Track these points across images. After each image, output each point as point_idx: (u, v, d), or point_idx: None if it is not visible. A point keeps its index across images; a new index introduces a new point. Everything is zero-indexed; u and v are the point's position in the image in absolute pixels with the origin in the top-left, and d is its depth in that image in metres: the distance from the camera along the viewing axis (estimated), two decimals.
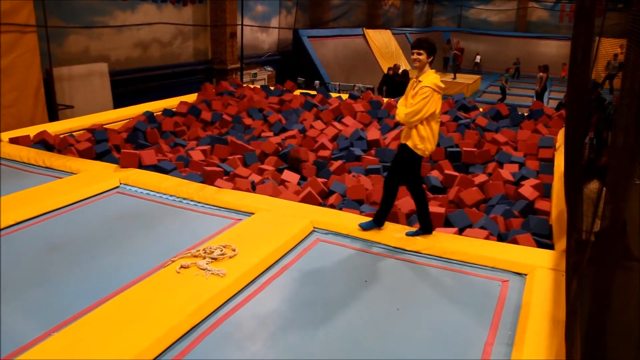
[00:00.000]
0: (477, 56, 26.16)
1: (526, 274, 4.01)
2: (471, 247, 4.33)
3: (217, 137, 7.42)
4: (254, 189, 5.62)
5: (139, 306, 3.33)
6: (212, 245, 4.09)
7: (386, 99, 10.01)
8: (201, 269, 3.77)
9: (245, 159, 6.67)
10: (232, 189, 5.50)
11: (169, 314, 3.25)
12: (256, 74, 15.02)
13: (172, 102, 9.58)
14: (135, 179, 5.69)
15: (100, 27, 10.39)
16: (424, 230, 4.47)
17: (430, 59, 4.21)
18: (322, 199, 5.55)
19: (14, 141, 6.92)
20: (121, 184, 5.68)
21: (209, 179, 5.68)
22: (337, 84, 15.23)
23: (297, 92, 10.80)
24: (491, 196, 5.67)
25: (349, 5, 20.86)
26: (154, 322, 3.16)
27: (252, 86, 11.28)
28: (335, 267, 4.13)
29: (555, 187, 5.65)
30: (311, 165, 6.49)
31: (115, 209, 5.11)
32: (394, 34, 22.43)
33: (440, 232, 4.66)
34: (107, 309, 3.30)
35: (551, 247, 4.46)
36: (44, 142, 6.94)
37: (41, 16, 8.25)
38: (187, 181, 5.64)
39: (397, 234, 4.51)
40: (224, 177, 5.86)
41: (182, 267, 3.79)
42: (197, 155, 6.67)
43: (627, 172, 1.99)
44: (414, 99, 4.18)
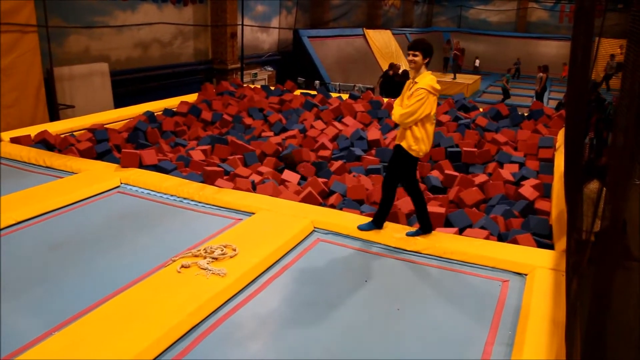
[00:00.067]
0: (477, 60, 26.12)
1: (526, 274, 4.02)
2: (471, 247, 4.34)
3: (218, 137, 7.42)
4: (254, 188, 5.63)
5: (140, 306, 3.33)
6: (213, 245, 4.10)
7: (386, 99, 10.02)
8: (202, 269, 3.77)
9: (245, 159, 6.68)
10: (233, 188, 5.51)
11: (170, 313, 3.25)
12: (256, 74, 15.02)
13: (172, 102, 9.58)
14: (135, 178, 5.69)
15: (100, 27, 10.39)
16: (424, 230, 4.48)
17: (426, 61, 4.21)
18: (322, 198, 5.55)
19: (14, 141, 6.93)
20: (122, 183, 5.68)
21: (209, 179, 5.69)
22: (338, 84, 15.22)
23: (298, 92, 10.81)
24: (491, 196, 5.68)
25: (349, 5, 20.86)
26: (154, 322, 3.16)
27: (252, 86, 11.29)
28: (335, 267, 4.14)
29: (555, 187, 5.66)
30: (308, 165, 6.48)
31: (115, 208, 5.11)
32: (394, 34, 22.42)
33: (440, 232, 4.66)
34: (108, 309, 3.30)
35: (551, 247, 4.46)
36: (44, 142, 6.95)
37: (42, 16, 8.25)
38: (187, 181, 5.65)
39: (397, 234, 4.52)
40: (225, 177, 5.87)
41: (182, 266, 3.80)
42: (197, 155, 6.68)
43: (627, 172, 2.00)
44: (409, 100, 4.19)
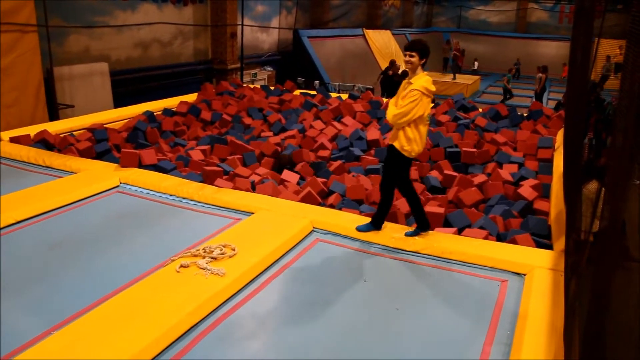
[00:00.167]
0: (475, 62, 26.12)
1: (525, 274, 4.02)
2: (470, 247, 4.34)
3: (217, 137, 7.42)
4: (253, 188, 5.63)
5: (139, 305, 3.33)
6: (212, 244, 4.10)
7: (385, 99, 10.01)
8: (201, 269, 3.77)
9: (244, 158, 6.68)
10: (232, 188, 5.51)
11: (169, 313, 3.25)
12: (256, 74, 15.02)
13: (172, 102, 9.58)
14: (135, 178, 5.69)
15: (100, 27, 10.39)
16: (421, 227, 4.49)
17: (422, 61, 4.22)
18: (321, 198, 5.56)
19: (14, 140, 6.93)
20: (121, 183, 5.68)
21: (208, 179, 5.69)
22: (337, 84, 15.23)
23: (297, 92, 10.80)
24: (490, 196, 5.68)
25: (349, 5, 20.86)
26: (153, 321, 3.16)
27: (252, 86, 11.29)
28: (334, 266, 4.14)
29: (554, 187, 5.66)
30: (306, 165, 6.48)
31: (115, 208, 5.11)
32: (393, 35, 22.43)
33: (439, 232, 4.67)
34: (107, 308, 3.31)
35: (550, 247, 4.47)
36: (44, 142, 6.95)
37: (42, 16, 8.25)
38: (187, 181, 5.65)
39: (395, 234, 4.52)
40: (224, 177, 5.87)
41: (181, 266, 3.80)
42: (196, 154, 6.68)
43: (626, 172, 2.00)
44: (403, 101, 4.20)
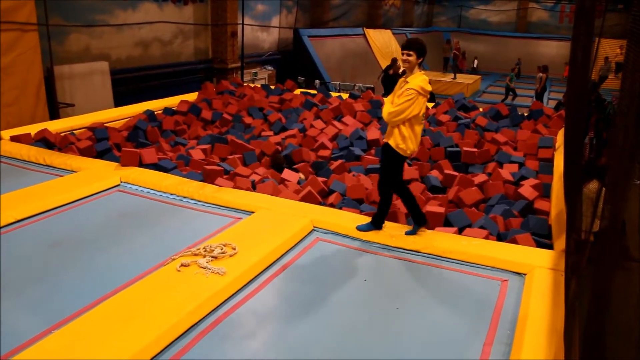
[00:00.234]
0: (475, 60, 26.10)
1: (525, 274, 4.02)
2: (470, 246, 4.34)
3: (218, 136, 7.42)
4: (254, 187, 5.63)
5: (139, 304, 3.33)
6: (212, 243, 4.10)
7: (386, 98, 10.00)
8: (201, 268, 3.77)
9: (245, 158, 6.68)
10: (233, 187, 5.51)
11: (169, 312, 3.25)
12: (256, 73, 15.01)
13: (172, 101, 9.58)
14: (135, 177, 5.69)
15: (101, 26, 10.39)
16: (419, 223, 4.49)
17: (419, 60, 4.23)
18: (322, 198, 5.56)
19: (15, 139, 6.93)
20: (122, 182, 5.69)
21: (209, 178, 5.69)
22: (338, 83, 15.22)
23: (298, 91, 10.80)
24: (491, 196, 5.68)
25: (350, 5, 20.84)
26: (153, 320, 3.17)
27: (252, 85, 11.28)
28: (334, 266, 4.14)
29: (554, 187, 5.66)
30: (307, 166, 6.48)
31: (115, 207, 5.11)
32: (394, 34, 22.42)
33: (439, 231, 4.67)
34: (107, 307, 3.31)
35: (550, 247, 4.47)
36: (44, 140, 6.95)
37: (42, 14, 8.24)
38: (187, 180, 5.65)
39: (395, 232, 4.53)
40: (224, 176, 5.87)
41: (182, 265, 3.80)
42: (197, 154, 6.68)
43: (627, 172, 2.00)
44: (399, 99, 4.22)
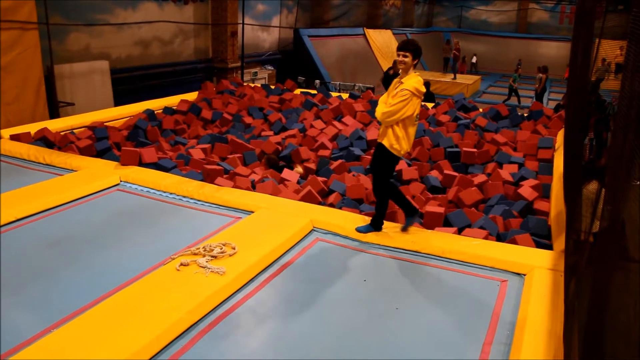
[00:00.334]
0: (474, 57, 26.11)
1: (525, 274, 4.02)
2: (470, 247, 4.35)
3: (218, 136, 7.42)
4: (254, 187, 5.63)
5: (139, 303, 3.34)
6: (212, 243, 4.10)
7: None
8: (201, 267, 3.78)
9: (245, 157, 6.69)
10: (232, 187, 5.51)
11: (169, 311, 3.25)
12: (257, 72, 15.01)
13: (172, 101, 9.58)
14: (135, 176, 5.69)
15: (101, 25, 10.39)
16: (411, 214, 4.51)
17: (415, 62, 4.26)
18: (321, 197, 5.56)
19: (14, 138, 6.92)
20: (121, 181, 5.69)
21: (209, 177, 5.69)
22: (338, 83, 15.21)
23: (298, 91, 10.80)
24: (490, 196, 5.69)
25: (350, 5, 20.85)
26: (153, 320, 3.17)
27: (252, 85, 11.28)
28: (334, 266, 4.14)
29: (554, 187, 5.66)
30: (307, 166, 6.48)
31: (115, 206, 5.12)
32: (394, 34, 22.44)
33: (439, 231, 4.67)
34: (107, 306, 3.31)
35: (550, 247, 4.47)
36: (44, 139, 6.95)
37: (42, 13, 8.24)
38: (187, 179, 5.65)
39: (394, 232, 4.53)
40: (224, 176, 5.87)
41: (181, 264, 3.80)
42: (197, 153, 6.68)
43: (626, 172, 2.00)
44: (393, 100, 4.23)
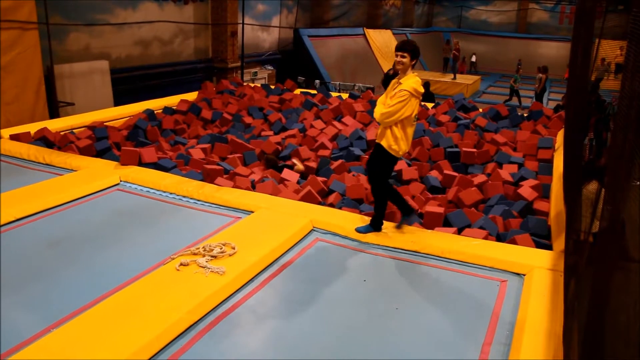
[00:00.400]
0: (473, 55, 26.09)
1: (524, 274, 4.03)
2: (470, 247, 4.35)
3: (218, 136, 7.42)
4: (253, 187, 5.63)
5: (139, 303, 3.34)
6: (212, 243, 4.10)
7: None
8: (200, 267, 3.78)
9: (245, 157, 6.69)
10: (232, 187, 5.52)
11: (168, 311, 3.26)
12: (256, 72, 15.01)
13: (172, 100, 9.58)
14: (135, 176, 5.69)
15: (101, 25, 10.39)
16: (407, 214, 4.55)
17: (413, 62, 4.26)
18: (321, 197, 5.56)
19: (14, 138, 6.92)
20: (121, 181, 5.69)
21: (209, 177, 5.70)
22: (337, 83, 15.21)
23: (298, 91, 10.80)
24: (490, 196, 5.69)
25: (350, 5, 20.85)
26: (153, 319, 3.17)
27: (252, 85, 11.28)
28: (334, 266, 4.15)
29: (554, 187, 5.67)
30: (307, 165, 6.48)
31: (115, 206, 5.12)
32: (394, 34, 22.44)
33: (439, 231, 4.68)
34: (107, 306, 3.31)
35: (549, 247, 4.47)
36: (44, 139, 6.95)
37: (42, 13, 8.25)
38: (187, 179, 5.65)
39: (394, 232, 4.53)
40: (224, 176, 5.87)
41: (181, 264, 3.80)
42: (197, 153, 6.68)
43: (626, 172, 2.00)
44: (392, 100, 4.23)
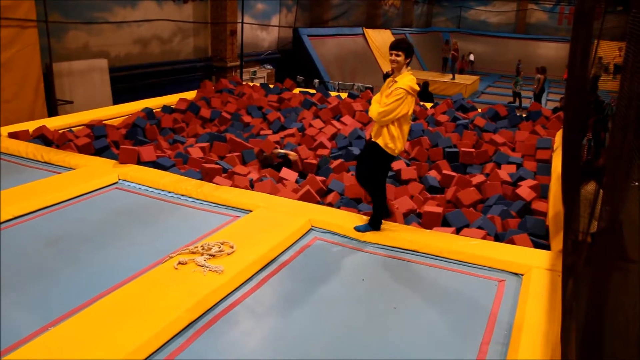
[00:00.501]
0: (470, 54, 26.07)
1: (523, 274, 4.03)
2: (468, 246, 4.35)
3: (216, 135, 7.42)
4: (252, 186, 5.63)
5: (137, 302, 3.33)
6: (210, 242, 4.09)
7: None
8: (199, 266, 3.77)
9: (243, 156, 6.68)
10: (231, 186, 5.51)
11: (166, 310, 3.25)
12: (256, 71, 15.01)
13: (171, 99, 9.58)
14: (133, 175, 5.69)
15: (100, 23, 10.38)
16: (374, 225, 4.52)
17: (407, 61, 4.26)
18: (320, 197, 5.56)
19: (13, 136, 6.91)
20: (120, 179, 5.68)
21: (207, 176, 5.69)
22: (337, 82, 15.22)
23: (297, 90, 10.80)
24: (489, 196, 5.69)
25: (349, 4, 20.86)
26: (151, 318, 3.16)
27: (251, 84, 11.28)
28: (332, 265, 4.15)
29: (552, 188, 5.67)
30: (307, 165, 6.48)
31: (113, 204, 5.11)
32: (393, 34, 22.44)
33: (437, 231, 4.68)
34: (105, 304, 3.30)
35: (547, 247, 4.48)
36: (43, 137, 6.94)
37: (41, 11, 8.25)
38: (185, 178, 5.65)
39: (393, 232, 4.53)
40: (223, 175, 5.87)
41: (179, 263, 3.79)
42: (195, 152, 6.68)
43: (625, 173, 2.01)
44: (388, 99, 4.23)
